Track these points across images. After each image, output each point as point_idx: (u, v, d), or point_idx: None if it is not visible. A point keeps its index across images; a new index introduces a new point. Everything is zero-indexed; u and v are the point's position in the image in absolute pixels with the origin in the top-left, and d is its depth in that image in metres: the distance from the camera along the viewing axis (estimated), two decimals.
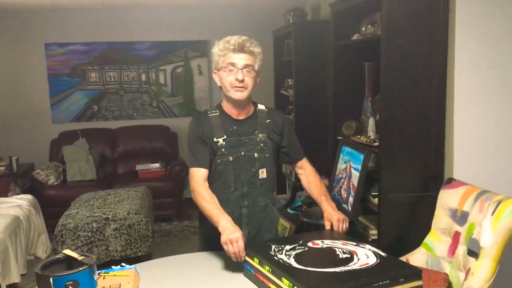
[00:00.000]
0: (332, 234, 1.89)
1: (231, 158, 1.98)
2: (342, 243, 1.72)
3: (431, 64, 2.44)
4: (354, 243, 1.72)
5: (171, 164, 5.36)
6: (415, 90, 2.45)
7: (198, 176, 1.98)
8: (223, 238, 1.74)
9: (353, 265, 1.51)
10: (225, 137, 1.98)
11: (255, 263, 1.63)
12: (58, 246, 3.60)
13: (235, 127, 2.00)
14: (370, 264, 1.52)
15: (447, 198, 2.22)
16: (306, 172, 2.20)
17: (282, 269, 1.49)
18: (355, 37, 2.98)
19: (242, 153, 1.99)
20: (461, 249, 2.08)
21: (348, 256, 1.59)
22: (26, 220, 3.96)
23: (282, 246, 1.70)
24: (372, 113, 2.98)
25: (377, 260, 1.55)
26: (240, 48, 1.91)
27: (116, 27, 5.71)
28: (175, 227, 5.01)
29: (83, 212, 3.83)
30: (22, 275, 3.64)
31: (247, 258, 1.71)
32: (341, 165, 3.00)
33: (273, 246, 1.69)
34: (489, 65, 2.43)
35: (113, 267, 1.71)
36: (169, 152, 5.70)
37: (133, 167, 5.48)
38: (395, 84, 2.44)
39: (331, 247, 1.70)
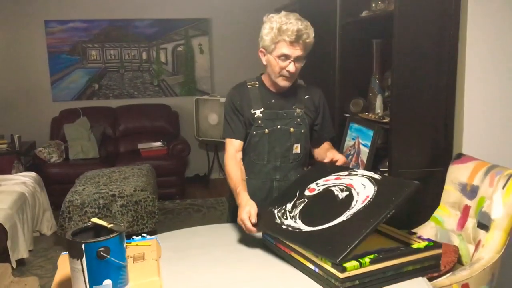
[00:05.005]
0: (322, 169, 1.87)
1: (266, 131, 1.98)
2: (335, 177, 1.71)
3: (442, 39, 2.45)
4: (346, 173, 1.72)
5: (173, 143, 5.37)
6: (426, 66, 2.47)
7: (231, 148, 2.00)
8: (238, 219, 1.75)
9: (356, 204, 1.51)
10: (262, 109, 1.98)
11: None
12: (65, 222, 3.62)
13: (273, 100, 2.00)
14: (370, 197, 1.51)
15: (457, 173, 2.26)
16: (322, 145, 2.14)
17: (295, 239, 1.50)
18: (364, 13, 2.98)
19: (278, 126, 1.99)
20: (471, 222, 2.13)
21: (347, 193, 1.59)
22: (32, 197, 3.98)
23: (283, 207, 1.68)
24: (380, 90, 2.99)
25: (374, 188, 1.55)
26: (296, 40, 1.83)
27: (116, 4, 5.64)
28: (178, 205, 5.05)
29: (89, 189, 3.84)
30: (29, 251, 3.68)
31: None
32: (349, 142, 3.03)
33: (276, 212, 1.68)
34: (501, 40, 2.44)
35: (134, 237, 1.73)
36: (170, 131, 5.70)
37: (135, 145, 5.49)
38: (406, 60, 2.45)
39: (327, 187, 1.68)
